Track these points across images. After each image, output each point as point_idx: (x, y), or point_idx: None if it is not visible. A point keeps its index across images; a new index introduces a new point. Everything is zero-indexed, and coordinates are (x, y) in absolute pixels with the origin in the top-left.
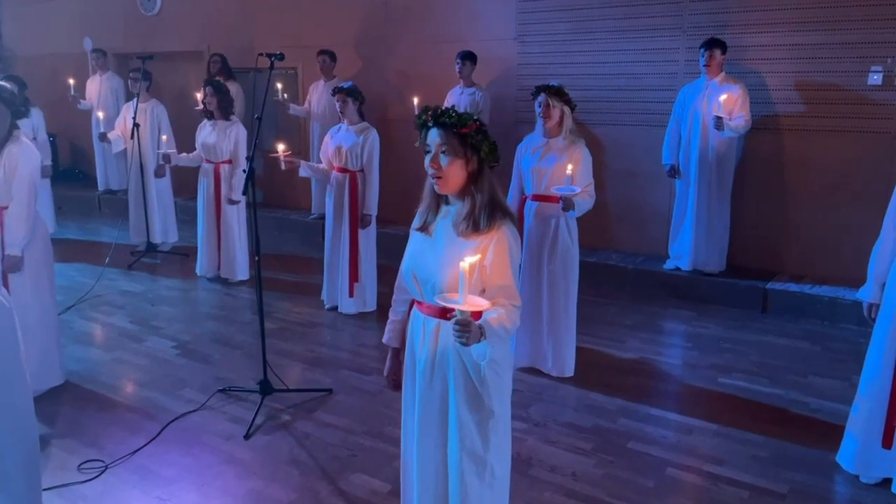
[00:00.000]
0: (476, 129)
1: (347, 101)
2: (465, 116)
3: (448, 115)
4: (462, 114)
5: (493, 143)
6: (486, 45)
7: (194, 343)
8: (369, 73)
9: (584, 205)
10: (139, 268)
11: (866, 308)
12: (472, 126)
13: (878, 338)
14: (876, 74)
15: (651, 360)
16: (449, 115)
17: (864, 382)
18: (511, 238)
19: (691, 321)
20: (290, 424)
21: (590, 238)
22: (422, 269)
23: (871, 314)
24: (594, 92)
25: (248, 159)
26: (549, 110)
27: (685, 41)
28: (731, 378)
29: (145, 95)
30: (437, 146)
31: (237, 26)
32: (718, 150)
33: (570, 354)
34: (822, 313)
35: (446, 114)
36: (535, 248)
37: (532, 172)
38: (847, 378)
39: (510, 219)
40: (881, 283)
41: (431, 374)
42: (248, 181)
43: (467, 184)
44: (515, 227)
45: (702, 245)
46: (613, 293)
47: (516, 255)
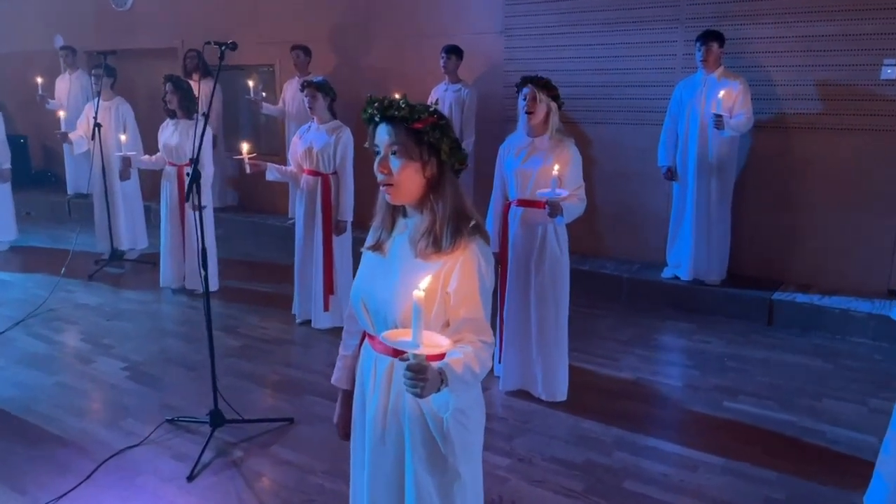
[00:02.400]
0: (433, 123)
1: (317, 96)
2: (418, 108)
3: (397, 106)
4: (415, 105)
5: (454, 140)
6: (471, 39)
7: (147, 364)
8: (347, 70)
9: (574, 210)
10: (101, 278)
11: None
12: (427, 120)
13: None
14: (890, 68)
15: (648, 380)
16: (398, 107)
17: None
18: (481, 258)
19: (691, 335)
20: (242, 462)
21: (582, 245)
22: (372, 296)
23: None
24: (586, 88)
25: (192, 161)
26: (534, 104)
27: (683, 33)
28: (738, 402)
29: (109, 93)
30: (387, 146)
31: (212, 21)
32: (718, 150)
33: (563, 377)
34: (833, 326)
35: (395, 105)
36: (522, 258)
37: (516, 175)
38: (864, 401)
39: (480, 235)
40: None
41: (383, 426)
42: (192, 185)
43: (426, 192)
44: (487, 244)
45: (702, 253)
46: (608, 304)
47: (488, 278)
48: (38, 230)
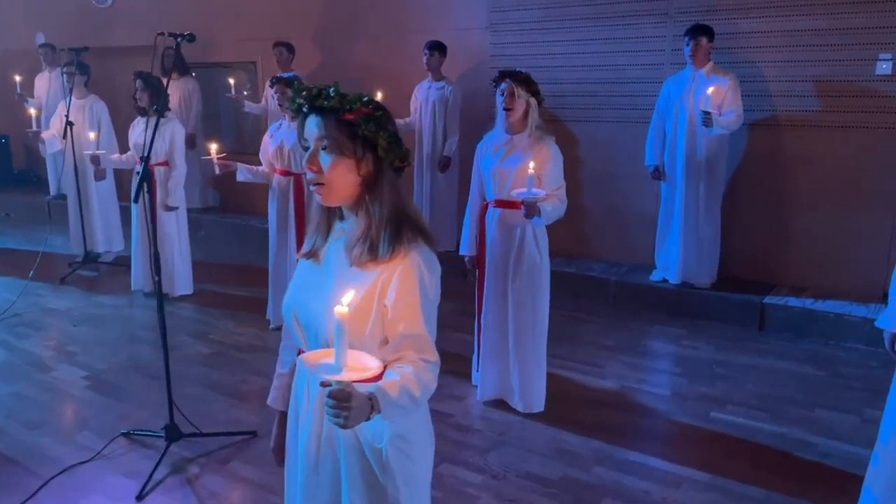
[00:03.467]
0: (366, 114)
1: (287, 93)
2: (350, 98)
3: (326, 95)
4: (347, 94)
5: (393, 134)
6: (456, 34)
7: (110, 373)
8: (331, 67)
9: (554, 211)
10: (74, 281)
11: (889, 339)
12: (359, 111)
13: None
14: (885, 63)
15: (634, 389)
16: (327, 97)
17: (885, 428)
18: (423, 267)
19: (680, 341)
20: (197, 479)
21: (569, 246)
22: (304, 309)
23: (894, 346)
24: (573, 85)
25: (143, 159)
26: (512, 100)
27: (672, 28)
28: (726, 412)
29: (82, 91)
30: (316, 140)
31: (193, 18)
32: (707, 149)
33: (540, 387)
34: (827, 331)
35: (324, 94)
36: (500, 262)
37: (494, 174)
38: (859, 411)
39: (424, 240)
40: None
41: (317, 454)
42: (141, 185)
43: (361, 193)
44: (433, 250)
45: (691, 255)
46: (594, 308)
47: (432, 290)
48: (16, 232)
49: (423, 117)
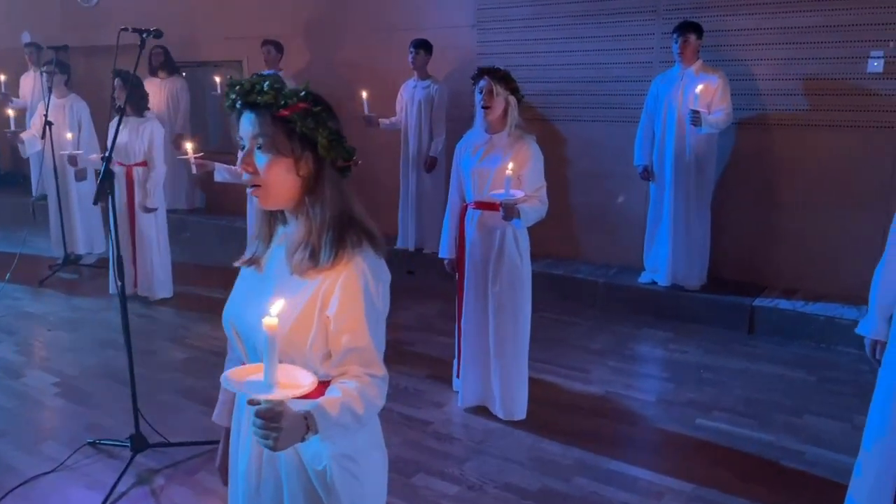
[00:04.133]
0: (303, 110)
1: None
2: (286, 92)
3: (260, 90)
4: (283, 88)
5: (334, 131)
6: (442, 32)
7: (80, 379)
8: (319, 65)
9: (534, 213)
10: (54, 284)
11: (869, 346)
12: (295, 106)
13: (885, 384)
14: (876, 61)
15: (619, 395)
16: (261, 91)
17: (868, 437)
18: (368, 274)
19: (668, 344)
20: (163, 491)
21: (556, 248)
22: (242, 320)
23: (875, 353)
24: (561, 84)
25: (104, 159)
26: (491, 98)
27: (660, 25)
28: (712, 419)
29: (62, 90)
30: (252, 139)
31: (180, 16)
32: (696, 148)
33: (521, 394)
34: (817, 335)
35: (258, 89)
36: (479, 265)
37: (473, 175)
38: (849, 418)
39: (372, 245)
40: (887, 315)
41: (258, 476)
42: (103, 185)
43: (302, 195)
44: (381, 256)
45: (680, 257)
46: (581, 310)
47: (379, 299)
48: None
49: (408, 117)
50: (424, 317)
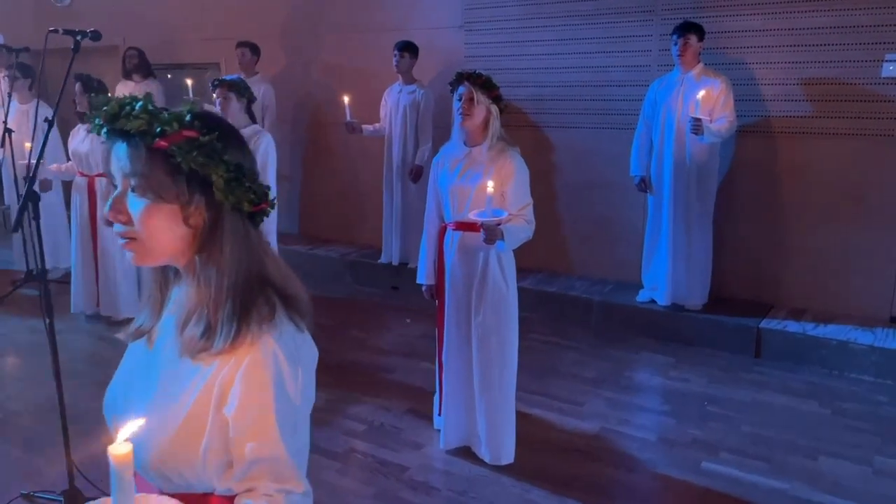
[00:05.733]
0: (189, 140)
1: (230, 97)
2: (165, 116)
3: (128, 112)
4: (161, 112)
5: (234, 166)
6: (428, 34)
7: (25, 416)
8: (298, 68)
9: (519, 233)
10: (14, 301)
11: None
12: (176, 135)
13: None
14: (892, 65)
15: (615, 433)
16: (132, 115)
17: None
18: (281, 358)
19: (668, 371)
20: None
21: (549, 262)
22: (121, 411)
23: None
24: (553, 88)
25: (26, 180)
26: (470, 106)
27: (659, 27)
28: (719, 462)
29: (26, 95)
30: (124, 178)
31: (154, 17)
32: (697, 158)
33: (509, 435)
34: (829, 360)
35: (127, 111)
36: (460, 291)
37: (452, 193)
38: (868, 460)
39: (292, 315)
40: None
41: None
42: (22, 211)
43: (193, 250)
44: (303, 330)
45: (680, 274)
46: (575, 332)
47: (295, 390)
48: None
49: (393, 123)
50: (407, 339)
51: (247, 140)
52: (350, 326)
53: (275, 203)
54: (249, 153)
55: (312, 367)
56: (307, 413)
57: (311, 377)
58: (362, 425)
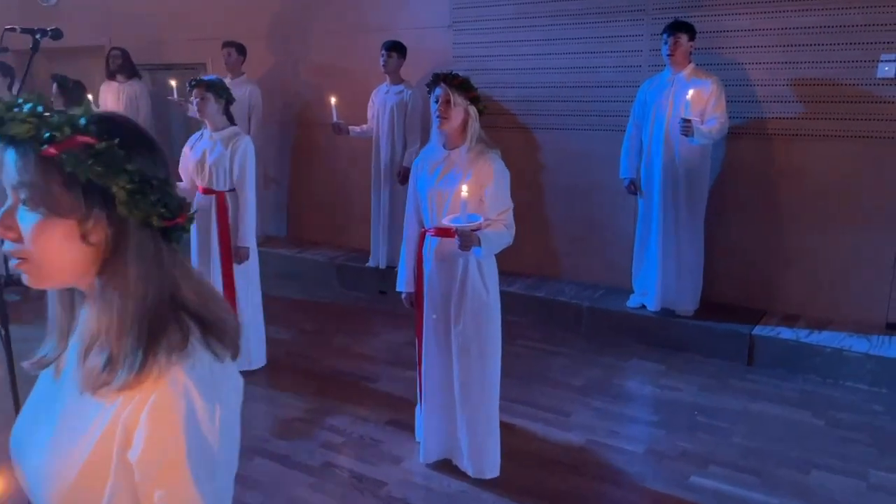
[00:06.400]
0: (82, 147)
1: (207, 97)
2: (56, 120)
3: (15, 116)
4: (54, 114)
5: (139, 176)
6: (416, 34)
7: None
8: (286, 69)
9: (498, 239)
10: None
11: None
12: (69, 141)
13: None
14: (887, 65)
15: (602, 445)
16: (19, 118)
17: None
18: (196, 395)
19: (658, 379)
20: None
21: (538, 266)
22: (23, 452)
23: None
24: (542, 89)
25: None
26: (447, 109)
27: (649, 26)
28: (707, 476)
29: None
30: (13, 189)
31: (140, 16)
32: (688, 160)
33: (492, 448)
34: (823, 368)
35: (10, 115)
36: (439, 300)
37: (430, 197)
38: (863, 474)
39: (209, 342)
40: None
41: None
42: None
43: (94, 271)
44: (223, 359)
45: (671, 279)
46: (564, 338)
47: (214, 431)
48: None
49: (380, 124)
50: (393, 346)
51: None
52: (334, 332)
53: (193, 217)
54: (163, 161)
55: (235, 402)
56: (231, 454)
57: (234, 413)
58: (341, 437)
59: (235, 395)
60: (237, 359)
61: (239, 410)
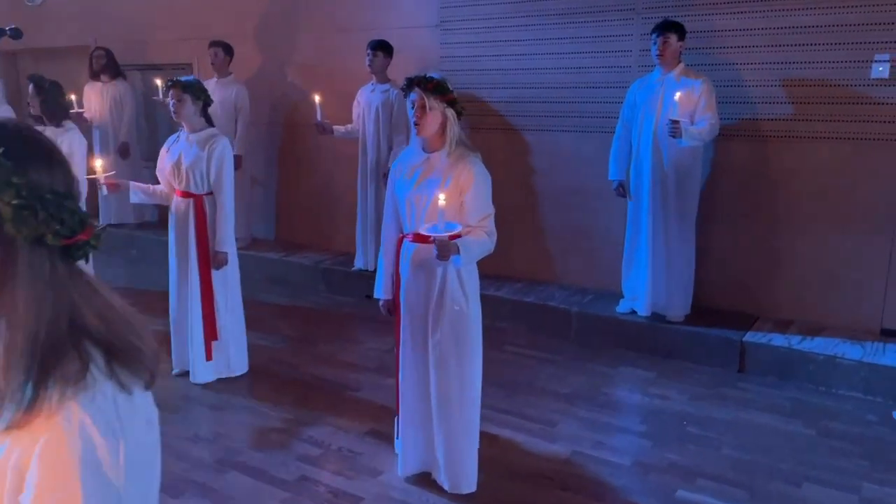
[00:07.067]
0: None
1: (184, 98)
2: None
3: None
4: None
5: (27, 188)
6: (403, 33)
7: None
8: (273, 68)
9: (478, 247)
10: None
11: None
12: None
13: None
14: (881, 65)
15: (587, 457)
16: None
17: None
18: (93, 434)
19: (647, 387)
20: None
21: (527, 271)
22: None
23: None
24: (531, 90)
25: None
26: (423, 113)
27: (639, 26)
28: (695, 489)
29: None
30: None
31: (126, 16)
32: (677, 163)
33: (470, 463)
34: (816, 376)
35: None
36: (416, 309)
37: (408, 202)
38: (856, 487)
39: (118, 372)
40: None
41: None
42: None
43: None
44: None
45: (660, 284)
46: (553, 343)
47: (118, 469)
48: None
49: (366, 124)
50: (377, 353)
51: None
52: (318, 339)
53: (101, 234)
54: (64, 172)
55: (147, 435)
56: (143, 492)
57: (146, 447)
58: (318, 449)
59: (148, 427)
60: (152, 387)
61: (155, 443)
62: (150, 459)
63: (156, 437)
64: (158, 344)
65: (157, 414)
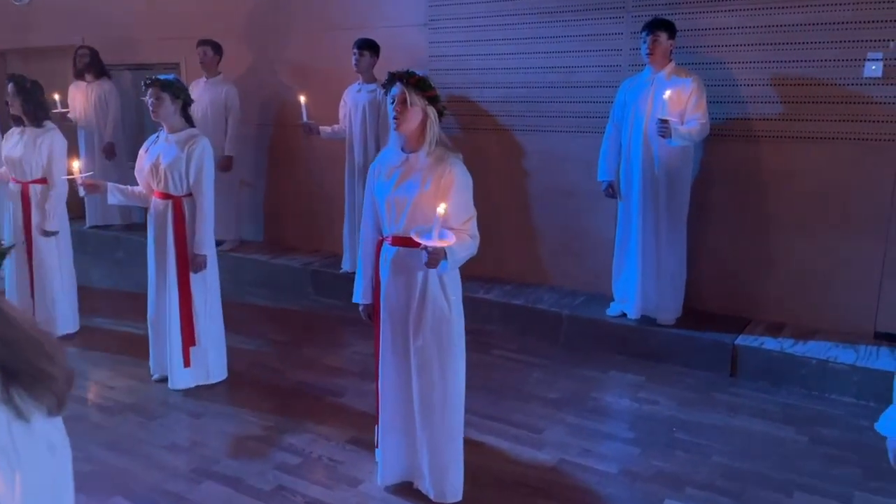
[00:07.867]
0: None
1: (163, 97)
2: None
3: None
4: None
5: None
6: (391, 32)
7: None
8: (261, 68)
9: (463, 251)
10: None
11: (892, 450)
12: None
13: None
14: (874, 64)
15: (574, 465)
16: None
17: None
18: None
19: (637, 392)
20: None
21: (517, 273)
22: None
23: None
24: (520, 89)
25: None
26: (403, 109)
27: (630, 24)
28: (684, 499)
29: None
30: None
31: (114, 15)
32: (668, 163)
33: (455, 471)
34: (808, 380)
35: None
36: (397, 314)
37: (388, 204)
38: (847, 497)
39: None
40: None
41: None
42: None
43: None
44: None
45: (650, 286)
46: (542, 348)
47: (11, 499)
48: None
49: (352, 124)
50: (363, 357)
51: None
52: (303, 343)
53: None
54: None
55: (49, 463)
56: None
57: (47, 475)
58: (297, 458)
59: (50, 453)
60: (60, 412)
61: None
62: (59, 485)
63: (64, 463)
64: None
65: (64, 439)
